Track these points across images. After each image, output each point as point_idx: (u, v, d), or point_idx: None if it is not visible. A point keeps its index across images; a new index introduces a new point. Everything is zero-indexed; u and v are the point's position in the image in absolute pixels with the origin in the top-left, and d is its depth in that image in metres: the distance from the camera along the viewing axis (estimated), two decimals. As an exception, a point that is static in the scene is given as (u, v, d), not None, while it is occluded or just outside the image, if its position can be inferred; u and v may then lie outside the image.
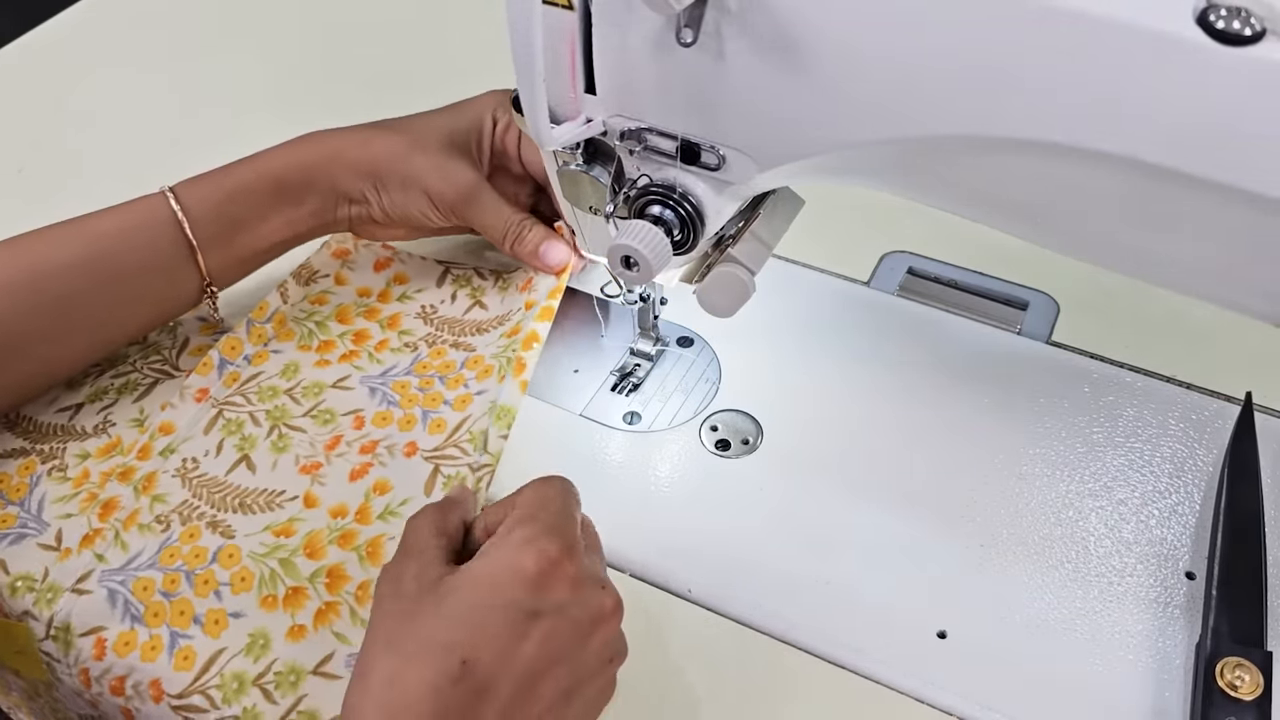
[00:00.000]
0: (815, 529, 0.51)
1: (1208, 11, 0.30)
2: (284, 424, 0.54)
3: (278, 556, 0.48)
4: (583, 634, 0.39)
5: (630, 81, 0.41)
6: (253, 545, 0.49)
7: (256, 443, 0.53)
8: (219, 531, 0.49)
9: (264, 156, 0.57)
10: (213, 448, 0.53)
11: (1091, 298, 0.61)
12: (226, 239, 0.55)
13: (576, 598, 0.39)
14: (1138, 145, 0.33)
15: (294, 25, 0.89)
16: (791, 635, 0.47)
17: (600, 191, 0.46)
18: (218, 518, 0.50)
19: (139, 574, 0.48)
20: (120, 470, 0.52)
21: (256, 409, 0.55)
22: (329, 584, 0.47)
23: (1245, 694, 0.42)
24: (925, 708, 0.45)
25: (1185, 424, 0.55)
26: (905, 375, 0.58)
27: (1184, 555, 0.50)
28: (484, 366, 0.55)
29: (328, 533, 0.49)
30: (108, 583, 0.48)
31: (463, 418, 0.54)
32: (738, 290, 0.48)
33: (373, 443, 0.52)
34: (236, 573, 0.48)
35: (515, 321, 0.57)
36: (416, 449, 0.52)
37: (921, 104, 0.36)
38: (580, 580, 0.40)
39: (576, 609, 0.39)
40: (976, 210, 0.40)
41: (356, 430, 0.53)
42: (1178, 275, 0.38)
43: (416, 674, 0.36)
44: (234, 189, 0.55)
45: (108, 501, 0.51)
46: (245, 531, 0.49)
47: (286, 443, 0.53)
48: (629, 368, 0.58)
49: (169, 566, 0.48)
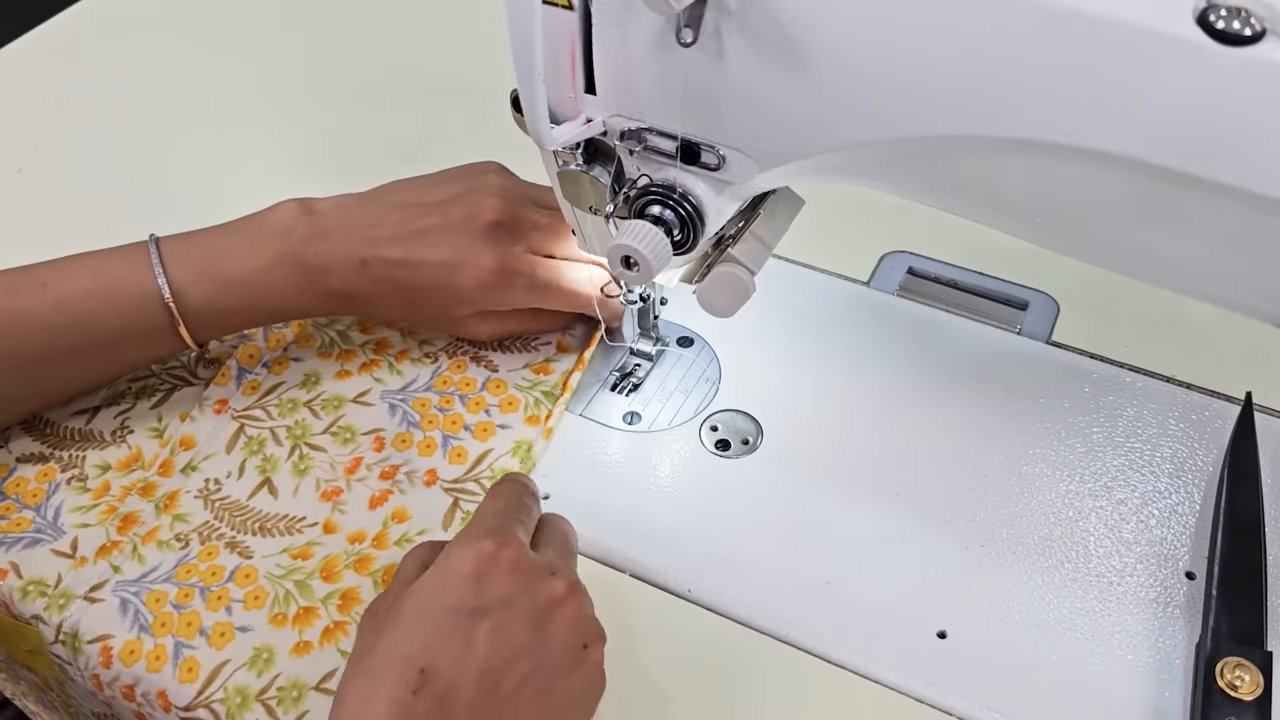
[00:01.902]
0: (815, 529, 0.51)
1: (1208, 11, 0.30)
2: (305, 442, 0.54)
3: (294, 578, 0.48)
4: (536, 623, 0.39)
5: (630, 81, 0.41)
6: (269, 566, 0.49)
7: (278, 465, 0.53)
8: (237, 551, 0.49)
9: (275, 243, 0.52)
10: (235, 469, 0.53)
11: (1091, 298, 0.61)
12: (217, 325, 0.53)
13: (522, 587, 0.40)
14: (1138, 145, 0.33)
15: (294, 25, 0.89)
16: (791, 635, 0.47)
17: (600, 191, 0.46)
18: (237, 539, 0.50)
19: (153, 586, 0.48)
20: (142, 485, 0.52)
21: (277, 424, 0.54)
22: (341, 605, 0.47)
23: (1245, 694, 0.42)
24: (925, 708, 0.45)
25: (1185, 424, 0.55)
26: (905, 375, 0.58)
27: (1184, 555, 0.50)
28: (508, 397, 0.55)
29: (344, 557, 0.49)
30: (121, 592, 0.48)
31: (484, 450, 0.53)
32: (738, 290, 0.48)
33: (393, 468, 0.52)
34: (251, 591, 0.48)
35: (544, 359, 0.57)
36: (436, 478, 0.52)
37: (921, 104, 0.36)
38: (522, 571, 0.40)
39: (524, 599, 0.39)
40: (976, 210, 0.40)
41: (376, 453, 0.53)
42: (1178, 275, 0.38)
43: (383, 690, 0.37)
44: (233, 279, 0.51)
45: (128, 515, 0.51)
46: (263, 553, 0.49)
47: (308, 464, 0.53)
48: (629, 367, 0.58)
49: (184, 581, 0.48)
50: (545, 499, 0.52)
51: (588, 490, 0.53)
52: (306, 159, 0.75)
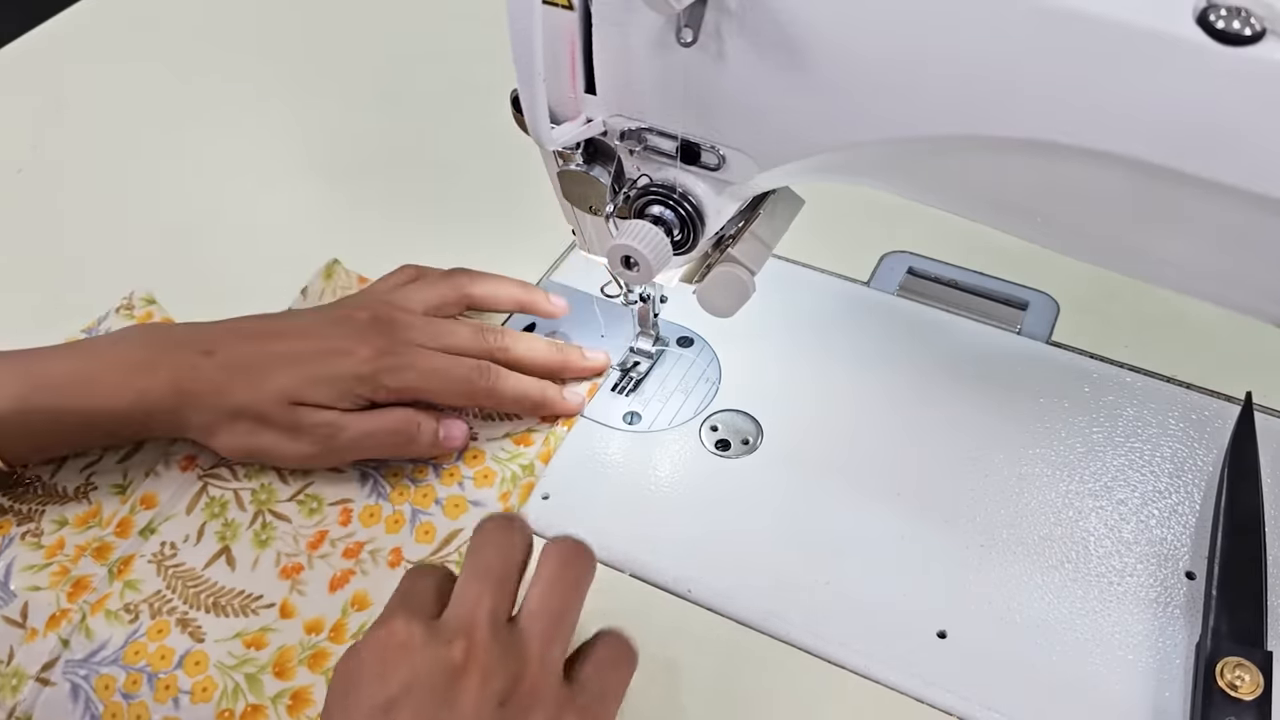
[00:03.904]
0: (815, 529, 0.51)
1: (1208, 11, 0.30)
2: (269, 509, 0.52)
3: (244, 671, 0.46)
4: (442, 701, 0.36)
5: (630, 81, 0.41)
6: (221, 654, 0.47)
7: (239, 533, 0.51)
8: (188, 632, 0.47)
9: (91, 383, 0.48)
10: (194, 532, 0.51)
11: (1091, 298, 0.61)
12: (27, 435, 0.50)
13: (419, 666, 0.37)
14: (1138, 145, 0.33)
15: (294, 25, 0.89)
16: (791, 635, 0.47)
17: (600, 191, 0.46)
18: (189, 615, 0.48)
19: (101, 670, 0.46)
20: (96, 546, 0.50)
21: (242, 486, 0.52)
22: (291, 706, 0.45)
23: (1245, 694, 0.42)
24: (925, 708, 0.45)
25: (1185, 424, 0.55)
26: (905, 375, 0.58)
27: (1184, 555, 0.50)
28: (484, 469, 0.53)
29: (299, 650, 0.47)
30: (71, 675, 0.46)
31: (454, 529, 0.51)
32: (738, 290, 0.48)
33: (358, 544, 0.50)
34: (200, 682, 0.46)
35: (526, 428, 0.55)
36: (401, 558, 0.50)
37: (921, 104, 0.36)
38: (414, 647, 0.37)
39: (423, 678, 0.37)
40: (976, 210, 0.40)
41: (342, 527, 0.51)
42: (1178, 275, 0.38)
43: None
44: (61, 432, 0.49)
45: (79, 580, 0.49)
46: (216, 636, 0.47)
47: (270, 535, 0.51)
48: (629, 367, 0.58)
49: (133, 665, 0.46)
50: (545, 499, 0.52)
51: (587, 490, 0.53)
52: (307, 158, 0.75)
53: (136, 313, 0.61)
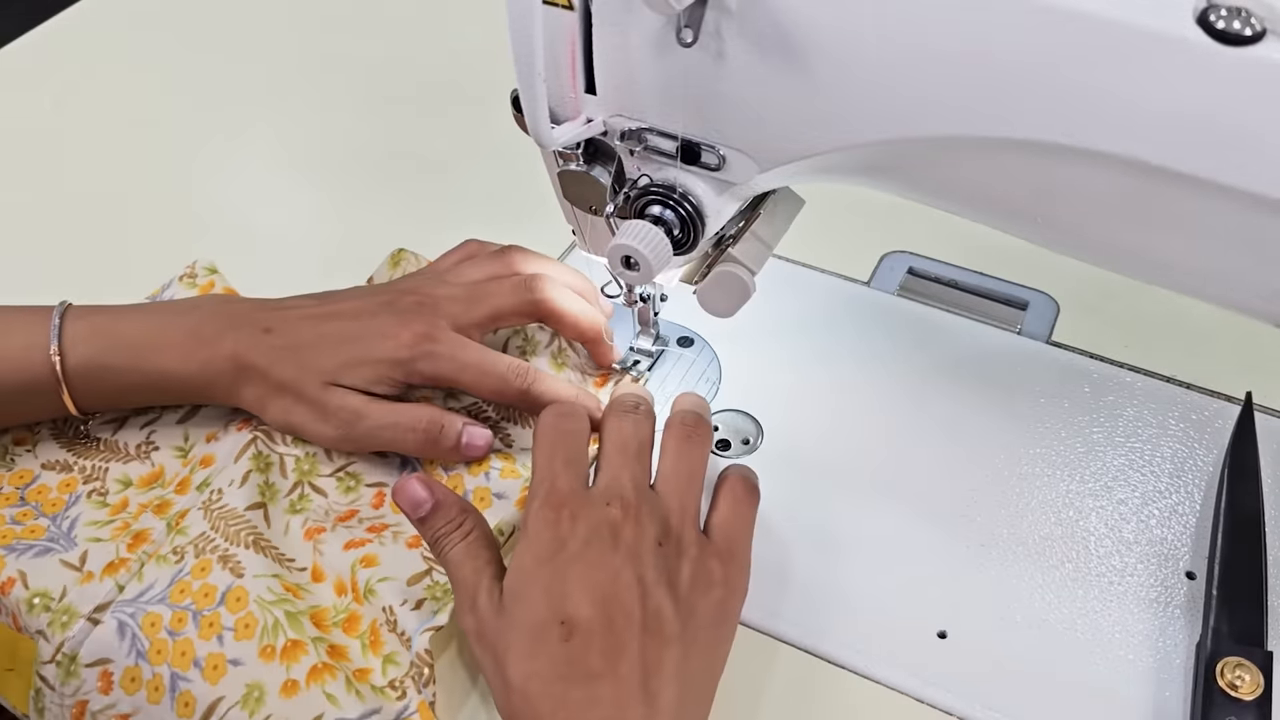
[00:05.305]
0: (815, 529, 0.51)
1: (1208, 11, 0.30)
2: (309, 480, 0.52)
3: (283, 608, 0.47)
4: (611, 546, 0.42)
5: (630, 81, 0.41)
6: (260, 589, 0.47)
7: (277, 497, 0.51)
8: (229, 568, 0.48)
9: (161, 348, 0.51)
10: (238, 477, 0.51)
11: (1091, 298, 0.61)
12: (98, 386, 0.52)
13: (584, 522, 0.42)
14: (1138, 145, 0.33)
15: (294, 25, 0.89)
16: (791, 635, 0.48)
17: (600, 191, 0.46)
18: (229, 551, 0.48)
19: (149, 608, 0.47)
20: (157, 503, 0.51)
21: (289, 452, 0.53)
22: (330, 652, 0.46)
23: (1245, 694, 0.42)
24: (925, 708, 0.45)
25: (1185, 424, 0.55)
26: (905, 375, 0.58)
27: (1184, 555, 0.50)
28: (510, 467, 0.52)
29: (333, 612, 0.47)
30: (119, 613, 0.47)
31: None
32: (738, 290, 0.48)
33: (383, 525, 0.51)
34: (241, 618, 0.46)
35: None
36: (420, 543, 0.50)
37: (921, 104, 0.36)
38: (579, 512, 0.43)
39: (595, 529, 0.42)
40: (976, 210, 0.40)
41: (374, 510, 0.51)
42: (1178, 275, 0.38)
43: (541, 659, 0.40)
44: (123, 336, 0.51)
45: (139, 533, 0.50)
46: (255, 572, 0.48)
47: (305, 505, 0.51)
48: (629, 367, 0.58)
49: (178, 604, 0.47)
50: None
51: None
52: (307, 158, 0.75)
53: (199, 281, 0.61)
